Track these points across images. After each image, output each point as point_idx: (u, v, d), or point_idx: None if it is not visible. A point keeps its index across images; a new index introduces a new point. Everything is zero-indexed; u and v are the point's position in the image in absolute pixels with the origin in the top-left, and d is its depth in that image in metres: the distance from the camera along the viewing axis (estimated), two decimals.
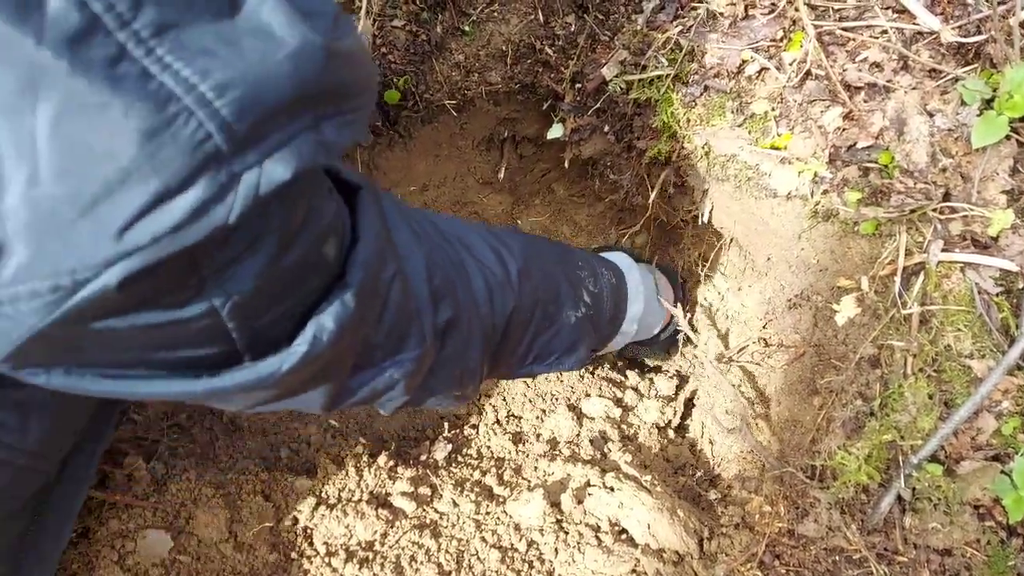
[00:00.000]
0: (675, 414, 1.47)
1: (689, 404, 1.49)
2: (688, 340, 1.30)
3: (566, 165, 1.42)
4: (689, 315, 1.37)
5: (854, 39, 1.05)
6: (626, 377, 1.55)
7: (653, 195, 1.30)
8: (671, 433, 1.45)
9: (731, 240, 1.33)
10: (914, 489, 0.90)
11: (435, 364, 0.83)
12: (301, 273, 0.59)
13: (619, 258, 1.32)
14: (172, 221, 0.43)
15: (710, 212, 1.27)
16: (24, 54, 0.38)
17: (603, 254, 1.35)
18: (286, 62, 0.45)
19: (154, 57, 0.41)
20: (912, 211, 0.96)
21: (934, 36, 1.02)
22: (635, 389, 1.52)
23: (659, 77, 1.17)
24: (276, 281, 0.56)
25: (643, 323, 1.30)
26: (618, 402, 1.47)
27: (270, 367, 0.59)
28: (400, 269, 0.74)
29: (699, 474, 1.32)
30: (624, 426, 1.42)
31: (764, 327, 1.30)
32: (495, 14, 1.30)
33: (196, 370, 0.57)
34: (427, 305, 0.78)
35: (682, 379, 1.54)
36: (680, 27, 1.16)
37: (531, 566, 1.09)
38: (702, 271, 1.46)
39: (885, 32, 1.04)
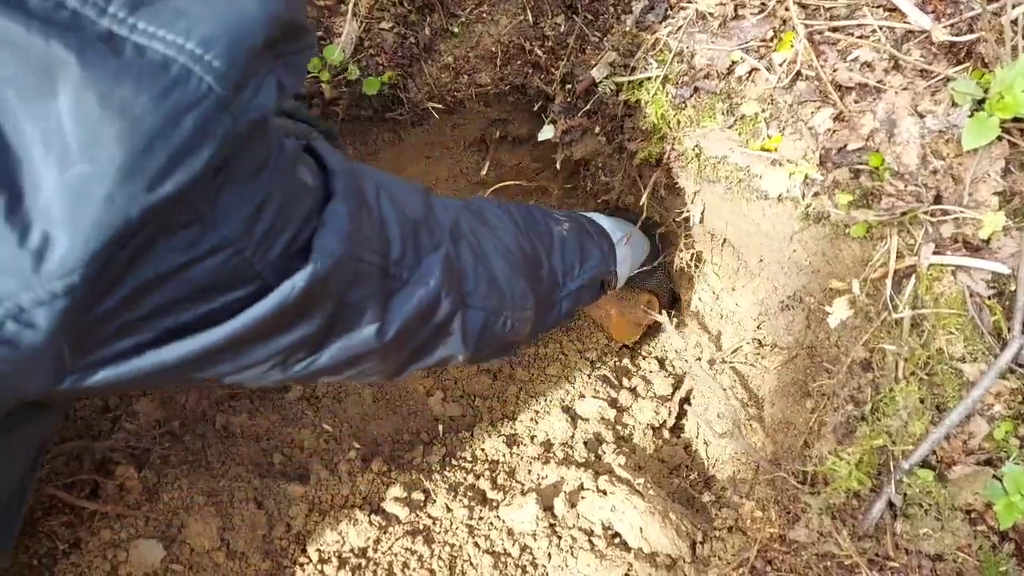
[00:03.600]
0: (670, 414, 1.47)
1: (684, 404, 1.48)
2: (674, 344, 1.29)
3: (558, 166, 1.41)
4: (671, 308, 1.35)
5: (845, 39, 1.04)
6: (620, 383, 1.55)
7: (645, 196, 1.29)
8: (666, 433, 1.44)
9: (724, 241, 1.32)
10: (905, 495, 0.90)
11: (463, 273, 0.87)
12: (289, 195, 0.62)
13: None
14: (192, 175, 0.48)
15: (702, 213, 1.26)
16: (35, 51, 0.43)
17: None
18: (252, 5, 0.49)
19: (139, 31, 0.45)
20: (903, 214, 0.95)
21: (925, 35, 1.00)
22: (630, 389, 1.52)
23: (648, 79, 1.16)
24: (268, 204, 0.59)
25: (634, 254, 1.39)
26: (612, 403, 1.47)
27: (285, 288, 0.61)
28: (381, 187, 0.78)
29: (693, 476, 1.31)
30: (619, 427, 1.42)
31: (758, 327, 1.29)
32: (484, 15, 1.29)
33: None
34: (423, 212, 0.83)
35: (678, 379, 1.54)
36: (669, 28, 1.15)
37: (524, 571, 1.09)
38: (695, 271, 1.45)
39: (876, 31, 1.03)
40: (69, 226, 0.44)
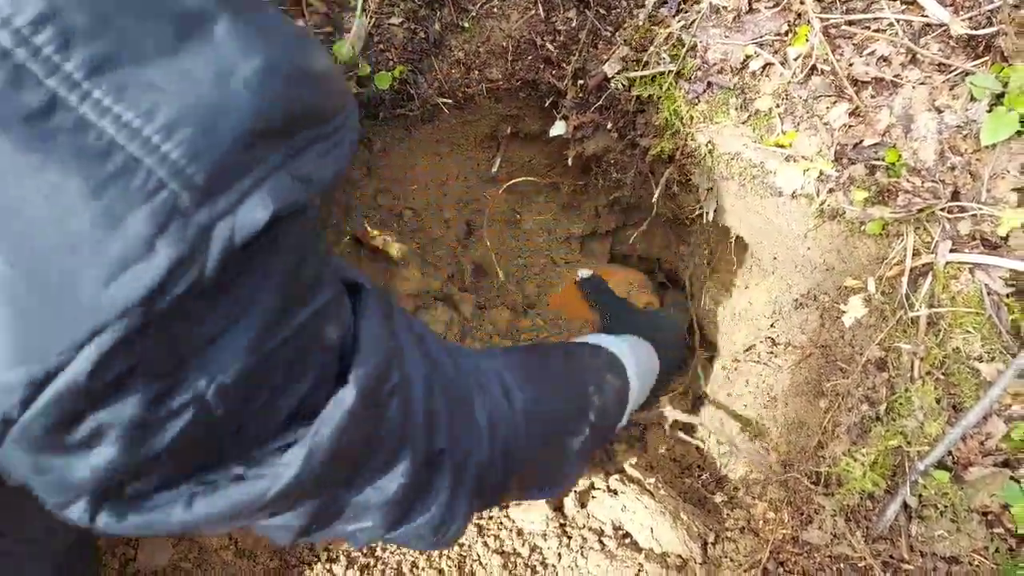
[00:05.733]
0: (683, 413, 1.45)
1: (698, 402, 1.47)
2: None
3: (569, 163, 1.40)
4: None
5: (861, 32, 1.03)
6: None
7: (657, 194, 1.27)
8: (678, 432, 1.43)
9: (737, 238, 1.31)
10: (920, 496, 0.88)
11: (416, 500, 0.68)
12: (300, 353, 0.50)
13: (611, 343, 1.17)
14: (140, 291, 0.37)
15: (715, 210, 1.24)
16: None
17: (590, 339, 1.20)
18: (243, 89, 0.39)
19: (91, 101, 0.35)
20: (920, 211, 0.93)
21: (943, 28, 0.99)
22: None
23: (661, 73, 1.15)
24: (272, 359, 0.47)
25: (637, 400, 1.19)
26: None
27: (260, 486, 0.50)
28: (404, 381, 0.63)
29: (705, 475, 1.30)
30: (630, 426, 1.41)
31: (771, 326, 1.28)
32: (495, 10, 1.28)
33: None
34: (422, 430, 0.65)
35: (690, 378, 1.52)
36: (682, 22, 1.14)
37: (534, 571, 1.08)
38: (709, 269, 1.44)
39: (893, 25, 1.01)
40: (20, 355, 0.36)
